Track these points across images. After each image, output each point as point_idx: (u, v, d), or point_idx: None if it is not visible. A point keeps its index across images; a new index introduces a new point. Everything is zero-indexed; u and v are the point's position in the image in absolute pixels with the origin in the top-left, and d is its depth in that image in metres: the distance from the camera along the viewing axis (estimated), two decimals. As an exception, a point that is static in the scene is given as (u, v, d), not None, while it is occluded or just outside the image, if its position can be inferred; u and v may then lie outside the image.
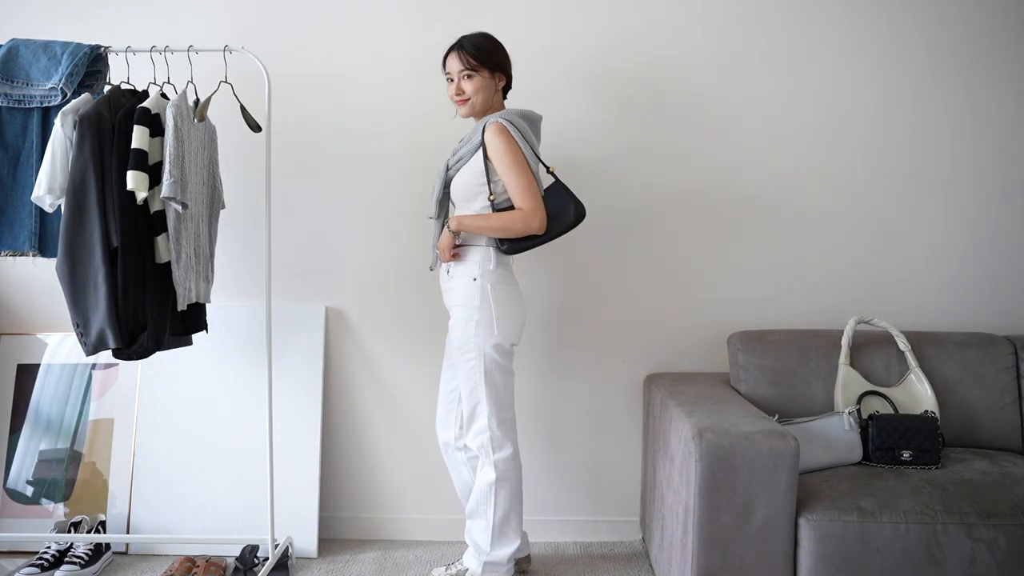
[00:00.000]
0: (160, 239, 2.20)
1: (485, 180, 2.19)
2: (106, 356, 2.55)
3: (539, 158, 2.24)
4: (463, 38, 2.25)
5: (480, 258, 2.23)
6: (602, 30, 2.67)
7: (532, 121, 2.27)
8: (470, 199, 2.24)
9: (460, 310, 2.23)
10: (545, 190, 2.20)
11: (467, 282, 2.22)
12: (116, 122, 2.14)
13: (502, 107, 2.30)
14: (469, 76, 2.22)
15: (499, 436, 2.26)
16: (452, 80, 2.25)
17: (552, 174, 2.24)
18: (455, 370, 2.32)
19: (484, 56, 2.23)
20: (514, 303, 2.26)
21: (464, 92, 2.23)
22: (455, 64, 2.23)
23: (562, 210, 2.19)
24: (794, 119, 2.68)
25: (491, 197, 2.19)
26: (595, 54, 2.67)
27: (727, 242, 2.71)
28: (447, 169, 2.28)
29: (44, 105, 2.23)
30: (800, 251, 2.71)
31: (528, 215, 2.13)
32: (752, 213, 2.70)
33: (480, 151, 2.19)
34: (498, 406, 2.25)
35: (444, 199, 2.32)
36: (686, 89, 2.68)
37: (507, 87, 2.31)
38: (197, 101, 2.31)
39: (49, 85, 2.21)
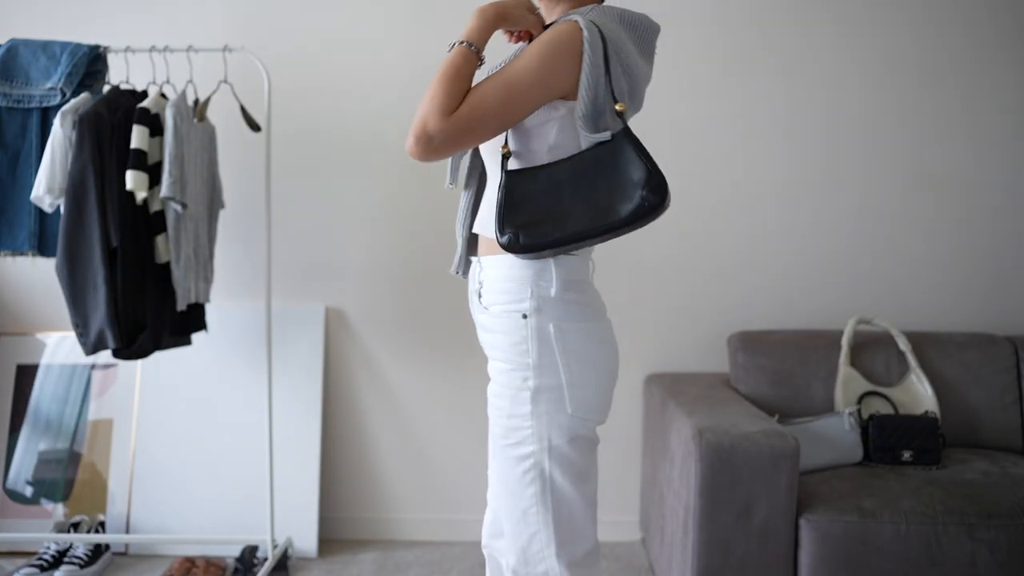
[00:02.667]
0: (159, 239, 2.20)
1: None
2: (106, 356, 2.54)
3: (612, 93, 1.28)
4: None
5: (530, 275, 1.30)
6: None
7: (639, 31, 1.36)
8: (494, 155, 1.36)
9: (504, 369, 1.34)
10: (594, 145, 1.26)
11: (515, 323, 1.31)
12: (115, 122, 2.14)
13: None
14: None
15: None
16: None
17: (620, 116, 1.29)
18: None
19: None
20: (601, 354, 1.36)
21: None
22: None
23: (612, 184, 1.24)
24: (794, 118, 2.68)
25: (503, 148, 1.32)
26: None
27: (727, 242, 2.71)
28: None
29: (43, 105, 2.23)
30: (800, 251, 2.71)
31: (417, 122, 1.23)
32: (752, 213, 2.70)
33: None
34: (571, 536, 1.33)
35: (474, 155, 1.48)
36: (685, 89, 2.68)
37: None
38: (196, 101, 2.31)
39: (48, 85, 2.21)
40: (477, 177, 1.47)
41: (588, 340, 1.32)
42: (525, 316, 1.29)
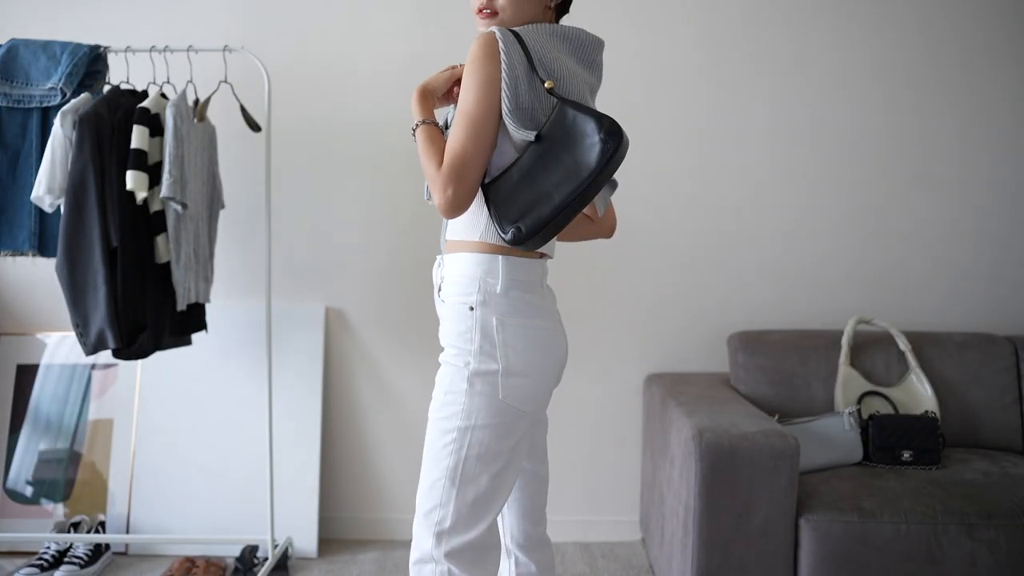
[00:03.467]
0: (160, 239, 2.20)
1: None
2: (106, 356, 2.54)
3: (552, 92, 1.34)
4: None
5: (479, 272, 1.40)
6: (600, 28, 2.66)
7: (573, 43, 1.44)
8: None
9: (448, 351, 1.43)
10: (543, 126, 1.34)
11: (462, 313, 1.40)
12: (115, 122, 2.14)
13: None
14: None
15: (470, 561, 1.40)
16: None
17: (552, 92, 1.35)
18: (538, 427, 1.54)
19: None
20: (539, 350, 1.42)
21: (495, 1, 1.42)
22: None
23: (576, 145, 1.30)
24: (794, 119, 2.68)
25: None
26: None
27: (727, 242, 2.71)
28: (446, 125, 1.49)
29: (44, 105, 2.23)
30: (800, 251, 2.71)
31: (437, 194, 1.34)
32: (752, 213, 2.70)
33: None
34: (464, 521, 1.40)
35: None
36: (685, 89, 2.68)
37: (563, 9, 1.54)
38: (197, 101, 2.31)
39: (49, 85, 2.21)
40: None
41: (527, 336, 1.40)
42: (472, 308, 1.39)
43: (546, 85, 1.35)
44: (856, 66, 2.67)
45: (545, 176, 1.32)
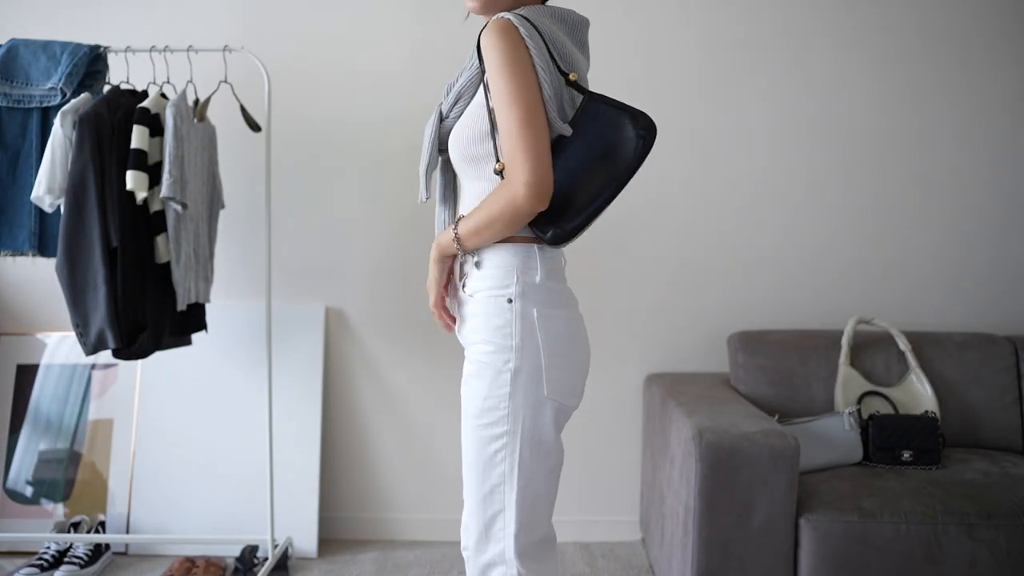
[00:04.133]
0: (160, 239, 2.20)
1: (489, 129, 1.33)
2: (106, 356, 2.54)
3: (566, 78, 1.33)
4: None
5: (516, 262, 1.35)
6: (601, 27, 2.67)
7: (569, 24, 1.40)
8: (474, 163, 1.38)
9: (482, 351, 1.36)
10: (573, 120, 1.31)
11: (499, 307, 1.34)
12: (115, 122, 2.14)
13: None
14: None
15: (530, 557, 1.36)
16: None
17: (574, 85, 1.33)
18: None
19: None
20: (576, 341, 1.40)
21: None
22: None
23: (612, 141, 1.29)
24: (794, 118, 2.68)
25: (499, 165, 1.31)
26: (593, 53, 2.66)
27: (727, 242, 2.71)
28: (441, 117, 1.43)
29: (44, 105, 2.23)
30: (800, 251, 2.71)
31: (514, 185, 1.25)
32: (752, 212, 2.70)
33: (480, 77, 1.35)
34: (530, 520, 1.36)
35: (444, 168, 1.49)
36: (685, 89, 2.68)
37: None
38: (197, 101, 2.31)
39: (49, 85, 2.21)
40: (453, 191, 1.50)
41: (566, 327, 1.37)
42: (510, 300, 1.33)
43: (570, 77, 1.32)
44: (856, 66, 2.67)
45: (585, 175, 1.29)
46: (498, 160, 1.32)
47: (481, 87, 1.34)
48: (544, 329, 1.33)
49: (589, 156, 1.29)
